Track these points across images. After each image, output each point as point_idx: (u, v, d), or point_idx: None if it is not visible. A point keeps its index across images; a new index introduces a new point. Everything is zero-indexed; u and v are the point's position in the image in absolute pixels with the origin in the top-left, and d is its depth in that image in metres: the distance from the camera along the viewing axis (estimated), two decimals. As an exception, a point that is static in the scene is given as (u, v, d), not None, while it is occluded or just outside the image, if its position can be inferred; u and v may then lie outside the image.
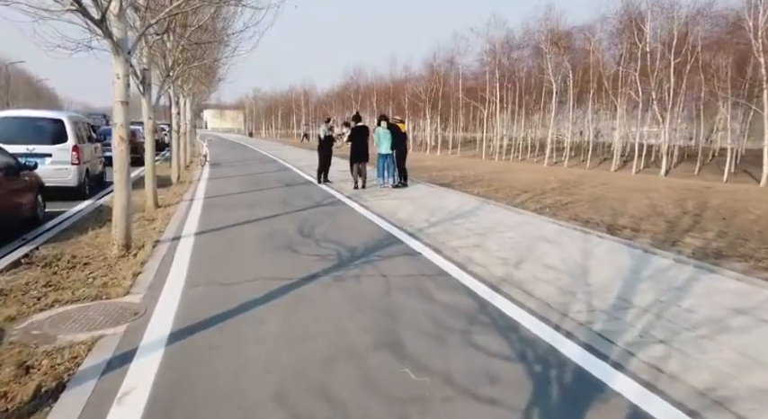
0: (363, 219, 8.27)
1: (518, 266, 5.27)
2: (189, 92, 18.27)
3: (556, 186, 13.49)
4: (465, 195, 11.15)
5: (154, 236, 7.17)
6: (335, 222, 8.05)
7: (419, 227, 7.46)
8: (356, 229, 7.46)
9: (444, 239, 6.60)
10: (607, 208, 9.86)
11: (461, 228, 7.29)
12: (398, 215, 8.49)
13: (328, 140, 13.61)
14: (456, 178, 15.99)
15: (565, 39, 27.49)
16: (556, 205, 10.18)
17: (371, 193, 11.34)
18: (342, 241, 6.67)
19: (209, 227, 7.70)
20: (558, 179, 15.69)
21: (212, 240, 6.83)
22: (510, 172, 18.90)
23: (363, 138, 12.24)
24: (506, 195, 11.73)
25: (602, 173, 21.69)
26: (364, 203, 9.84)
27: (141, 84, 9.35)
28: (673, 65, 21.73)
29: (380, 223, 7.85)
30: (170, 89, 13.37)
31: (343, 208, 9.46)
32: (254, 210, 9.19)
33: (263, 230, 7.46)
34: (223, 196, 11.19)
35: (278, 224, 7.95)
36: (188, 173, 16.49)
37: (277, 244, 6.60)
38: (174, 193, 11.71)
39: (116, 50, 5.96)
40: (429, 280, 4.91)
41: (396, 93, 48.78)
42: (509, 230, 7.08)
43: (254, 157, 24.94)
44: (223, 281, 5.00)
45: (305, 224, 7.88)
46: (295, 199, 10.68)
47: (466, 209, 8.99)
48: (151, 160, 9.78)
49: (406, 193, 11.37)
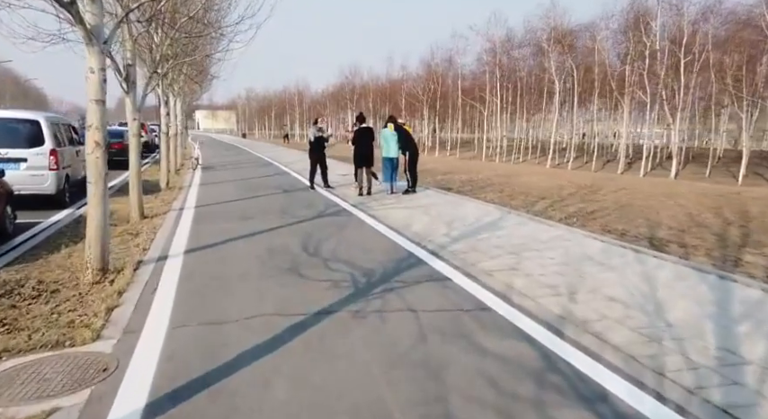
0: (375, 233, 7.36)
1: (574, 298, 4.38)
2: (179, 91, 17.29)
3: (573, 192, 12.64)
4: (480, 203, 10.27)
5: (136, 255, 6.23)
6: (344, 236, 7.13)
7: (440, 242, 6.57)
8: (369, 246, 6.55)
9: (473, 259, 5.70)
10: (638, 217, 9.01)
11: (489, 245, 6.40)
12: (413, 227, 7.59)
13: (318, 142, 12.62)
14: (464, 182, 15.12)
15: (569, 37, 26.69)
16: (581, 214, 9.33)
17: (379, 201, 10.43)
18: (354, 261, 5.77)
19: (200, 243, 6.76)
20: (573, 183, 14.86)
21: (204, 261, 5.90)
22: (517, 175, 18.05)
23: (368, 140, 11.33)
24: (523, 202, 10.86)
25: (615, 176, 20.93)
26: (373, 213, 8.94)
27: (125, 81, 8.40)
28: (683, 63, 20.98)
29: (395, 238, 6.94)
30: (158, 88, 12.41)
31: (350, 219, 8.54)
32: (251, 222, 8.26)
33: (261, 247, 6.53)
34: (216, 204, 10.24)
35: (278, 239, 7.03)
36: (178, 178, 15.51)
37: (279, 265, 5.68)
38: (163, 201, 10.75)
39: (89, 39, 5.03)
40: (470, 319, 4.02)
41: (392, 93, 47.97)
42: (546, 248, 6.20)
43: (249, 160, 23.96)
44: (216, 319, 4.08)
45: (309, 239, 6.97)
46: (295, 207, 9.76)
47: (487, 221, 8.11)
48: (136, 165, 8.83)
49: (416, 201, 10.47)
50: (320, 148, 12.61)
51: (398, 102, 45.52)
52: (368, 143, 11.27)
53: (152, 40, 8.91)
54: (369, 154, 11.25)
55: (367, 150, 11.24)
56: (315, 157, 12.58)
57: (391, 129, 11.37)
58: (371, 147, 11.33)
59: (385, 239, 6.94)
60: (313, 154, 12.62)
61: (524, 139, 35.38)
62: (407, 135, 11.54)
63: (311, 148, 12.69)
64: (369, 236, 7.15)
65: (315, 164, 12.59)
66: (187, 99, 26.63)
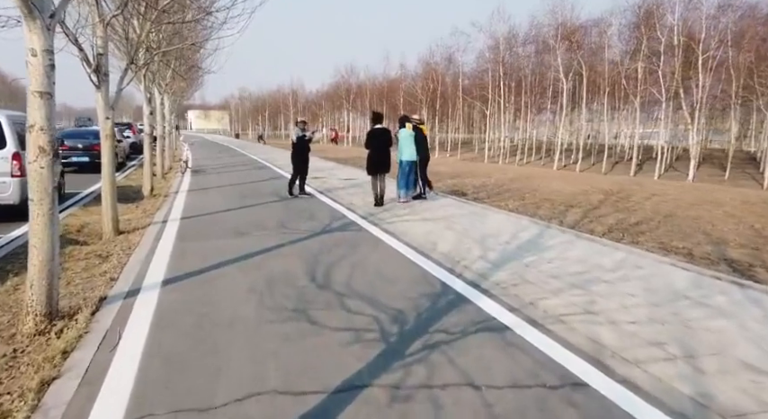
0: (395, 255, 6.11)
1: (698, 366, 3.16)
2: (166, 88, 15.95)
3: (601, 198, 11.45)
4: (507, 214, 9.04)
5: (100, 288, 4.96)
6: (358, 259, 5.88)
7: (479, 269, 5.33)
8: (391, 273, 5.31)
9: (530, 296, 4.47)
10: (694, 231, 7.82)
11: (542, 274, 5.17)
12: (440, 247, 6.35)
13: (301, 142, 11.30)
14: (477, 188, 13.91)
15: (578, 32, 25.56)
16: (624, 226, 8.13)
17: (391, 212, 9.19)
18: (377, 297, 4.53)
19: (182, 269, 5.49)
20: (596, 188, 13.67)
21: (185, 298, 4.63)
22: (531, 178, 16.86)
23: (385, 143, 9.97)
24: (552, 211, 9.66)
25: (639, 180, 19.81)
26: (387, 227, 7.69)
27: (95, 73, 7.11)
28: (701, 59, 19.88)
29: (421, 262, 5.70)
30: (140, 83, 11.11)
31: (362, 235, 7.29)
32: (245, 239, 6.99)
33: (259, 275, 5.27)
34: (205, 215, 8.96)
35: (279, 262, 5.77)
36: (165, 183, 14.19)
37: (282, 303, 4.43)
38: (144, 212, 9.45)
39: (28, 10, 3.76)
40: (562, 404, 2.78)
41: (390, 93, 46.72)
42: (617, 279, 4.97)
43: (242, 162, 22.63)
44: (196, 402, 2.83)
45: (316, 262, 5.72)
46: (296, 219, 8.50)
47: (526, 238, 6.88)
48: (109, 173, 7.53)
49: (433, 211, 9.23)
50: (304, 150, 11.34)
51: (397, 102, 44.30)
52: (384, 146, 9.93)
53: (128, 24, 7.62)
54: (385, 158, 9.93)
55: (383, 154, 9.92)
56: (298, 160, 11.32)
57: (409, 129, 10.13)
58: (388, 150, 10.02)
59: (409, 264, 5.69)
60: (296, 155, 11.35)
61: (528, 140, 34.21)
62: (422, 136, 10.32)
63: (294, 150, 11.42)
64: (388, 259, 5.90)
65: (299, 167, 11.33)
66: (177, 98, 25.26)
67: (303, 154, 11.39)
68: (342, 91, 57.16)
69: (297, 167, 11.39)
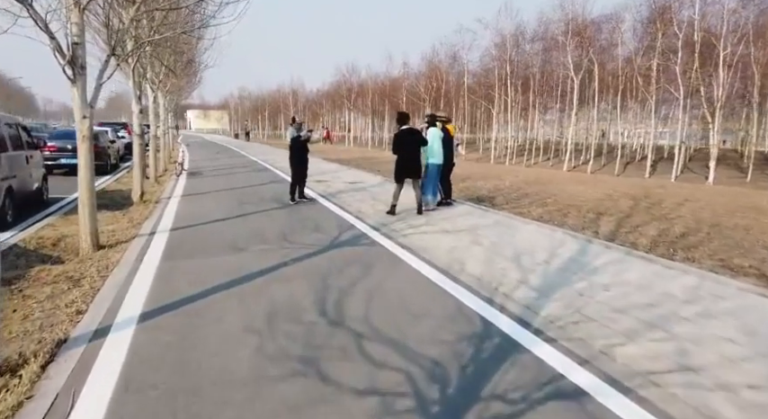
0: (418, 278, 5.18)
1: None
2: (160, 85, 15.01)
3: (631, 205, 10.51)
4: (535, 224, 8.10)
5: (61, 327, 4.03)
6: (376, 284, 4.95)
7: (524, 300, 4.41)
8: (417, 304, 4.38)
9: (600, 340, 3.55)
10: (749, 243, 6.90)
11: (602, 306, 4.24)
12: (469, 267, 5.43)
13: (297, 144, 10.33)
14: (492, 191, 12.98)
15: (590, 28, 24.63)
16: (670, 239, 7.20)
17: (405, 221, 8.25)
18: (406, 341, 3.61)
19: (165, 298, 4.57)
20: (621, 193, 12.73)
21: (163, 342, 3.70)
22: (547, 182, 15.92)
23: (414, 145, 8.90)
24: (581, 220, 8.73)
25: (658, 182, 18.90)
26: (404, 241, 6.76)
27: (69, 65, 6.19)
28: (722, 56, 18.95)
29: (451, 288, 4.77)
30: (129, 79, 10.19)
31: (376, 250, 6.35)
32: (243, 257, 6.07)
33: (258, 307, 4.35)
34: (198, 226, 8.04)
35: (282, 289, 4.84)
36: (158, 187, 13.26)
37: (286, 349, 3.51)
38: (131, 221, 8.53)
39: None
40: None
41: (393, 92, 45.81)
42: (699, 315, 4.02)
43: (242, 164, 21.69)
44: None
45: (326, 289, 4.79)
46: (300, 230, 7.58)
47: (566, 255, 5.95)
48: (87, 181, 6.61)
49: (453, 220, 8.31)
50: (302, 151, 10.41)
51: (399, 101, 43.40)
52: (414, 149, 8.88)
53: (109, 9, 6.68)
54: (415, 163, 8.92)
55: (413, 158, 8.88)
56: (296, 162, 10.40)
57: (439, 129, 9.20)
58: (418, 153, 8.98)
59: (436, 291, 4.76)
60: (294, 158, 10.43)
61: (535, 140, 33.26)
62: (450, 136, 9.38)
63: (291, 152, 10.49)
64: (411, 284, 4.97)
65: (297, 170, 10.41)
66: (174, 96, 24.33)
67: (301, 156, 10.47)
68: (343, 90, 56.23)
69: (295, 171, 10.46)
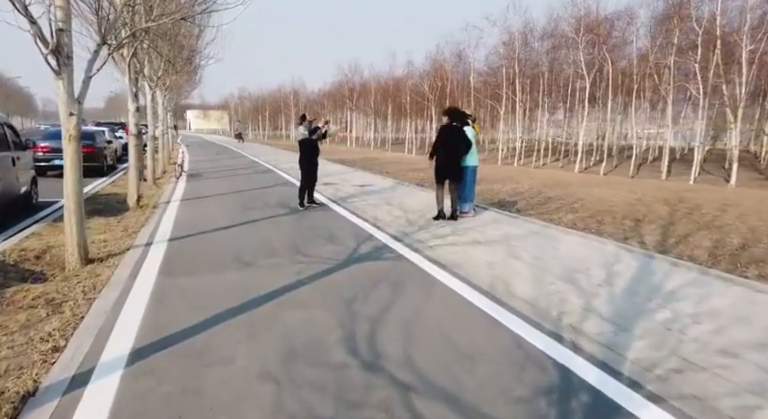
0: (460, 303, 4.40)
1: None
2: (158, 82, 14.21)
3: (668, 210, 9.73)
4: (577, 234, 7.29)
5: (31, 371, 3.25)
6: (412, 312, 4.16)
7: (599, 336, 3.62)
8: (467, 341, 3.60)
9: (724, 401, 2.75)
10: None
11: (703, 346, 3.44)
12: (517, 289, 4.64)
13: (308, 143, 9.51)
14: (512, 195, 12.21)
15: (604, 24, 23.85)
16: (729, 251, 6.42)
17: (428, 229, 7.47)
18: (465, 395, 2.84)
19: (159, 330, 3.78)
20: (651, 197, 11.93)
21: (162, 395, 2.92)
22: (566, 184, 15.12)
23: (456, 145, 8.09)
24: (620, 228, 7.96)
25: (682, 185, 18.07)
26: (431, 254, 5.98)
27: (53, 55, 5.42)
28: (745, 53, 18.17)
29: (503, 317, 3.99)
30: (124, 75, 9.42)
31: (404, 267, 5.56)
32: (250, 274, 5.29)
33: (272, 344, 3.57)
34: (199, 235, 7.25)
35: (299, 318, 4.06)
36: (156, 190, 12.47)
37: (312, 409, 2.73)
38: (126, 229, 7.73)
39: None
40: None
41: (396, 92, 45.03)
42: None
43: (243, 165, 20.90)
44: None
45: (352, 319, 4.01)
46: (313, 241, 6.79)
47: (627, 273, 5.16)
48: (75, 187, 5.82)
49: (482, 229, 7.52)
50: (312, 152, 9.63)
51: (403, 101, 42.65)
52: (455, 149, 8.10)
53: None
54: (454, 163, 8.13)
55: (452, 158, 8.10)
56: (306, 164, 9.62)
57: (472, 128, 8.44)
58: (459, 154, 8.18)
59: (487, 321, 3.97)
60: (303, 160, 9.65)
61: (543, 141, 32.45)
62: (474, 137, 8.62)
63: (301, 153, 9.71)
64: (454, 312, 4.18)
65: (307, 173, 9.65)
66: (173, 95, 23.54)
67: (311, 157, 9.69)
68: (345, 90, 55.50)
69: (305, 173, 9.68)
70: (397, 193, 11.73)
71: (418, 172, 18.81)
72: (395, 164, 23.89)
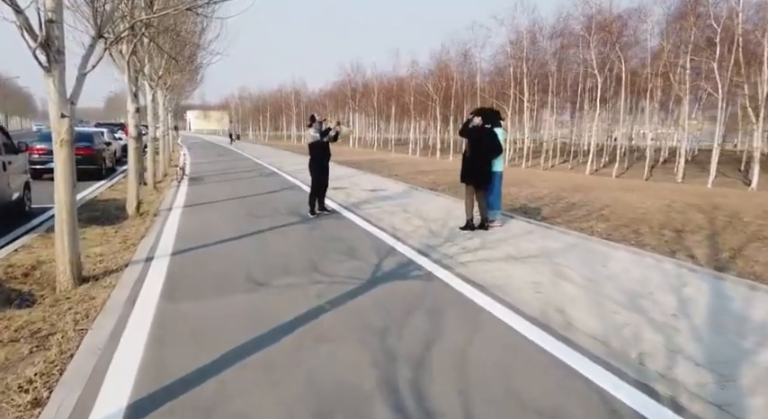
0: (516, 339, 3.76)
1: None
2: (159, 81, 13.58)
3: (708, 219, 9.10)
4: (620, 247, 6.65)
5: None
6: (459, 352, 3.53)
7: (697, 386, 2.99)
8: (537, 393, 2.97)
9: None
10: None
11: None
12: (576, 320, 4.01)
13: (319, 146, 8.86)
14: (531, 200, 11.58)
15: (617, 22, 23.24)
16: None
17: (454, 241, 6.84)
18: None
19: (165, 376, 3.16)
20: (682, 202, 11.29)
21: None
22: (587, 188, 14.49)
23: (485, 147, 7.44)
24: (660, 240, 7.33)
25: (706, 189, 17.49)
26: (464, 271, 5.35)
27: (43, 49, 4.80)
28: (766, 51, 17.55)
29: (570, 359, 3.36)
30: (123, 74, 8.81)
31: (437, 288, 4.93)
32: (264, 297, 4.67)
33: (298, 397, 2.94)
34: (204, 248, 6.62)
35: (325, 358, 3.43)
36: (157, 195, 11.84)
37: None
38: (125, 241, 7.09)
39: None
40: None
41: (400, 92, 44.45)
42: None
43: (246, 168, 20.27)
44: None
45: (389, 358, 3.38)
46: (330, 255, 6.16)
47: (702, 300, 4.53)
48: (67, 198, 5.20)
49: (514, 242, 6.89)
50: (323, 156, 9.01)
51: (407, 101, 42.06)
52: (485, 151, 7.46)
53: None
54: (481, 167, 7.49)
55: (479, 161, 7.46)
56: (317, 169, 9.00)
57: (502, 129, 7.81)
58: (490, 158, 7.55)
59: (554, 365, 3.33)
60: (314, 164, 9.02)
61: (551, 142, 31.83)
62: None
63: (312, 156, 9.08)
64: (511, 352, 3.54)
65: (319, 179, 9.03)
66: (174, 95, 22.92)
67: (322, 161, 9.06)
68: (347, 90, 54.91)
69: (316, 178, 9.05)
70: (412, 199, 11.10)
71: (427, 174, 18.19)
72: (402, 166, 23.27)
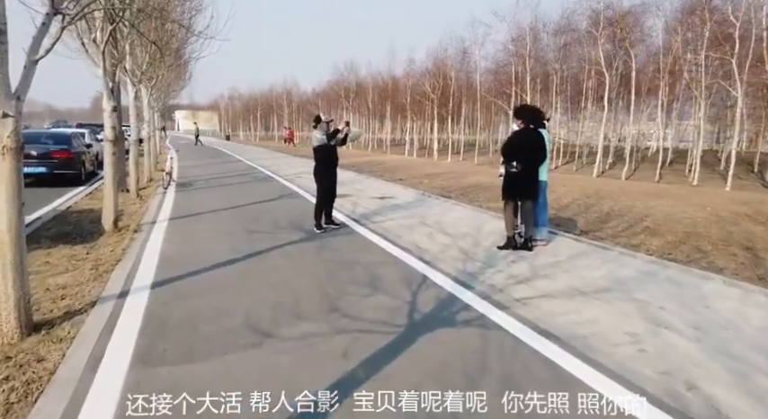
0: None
1: None
2: (142, 77, 12.28)
3: (758, 230, 8.03)
4: (716, 278, 5.49)
5: None
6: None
7: None
8: None
9: None
10: None
11: None
12: (724, 406, 2.87)
13: (326, 150, 7.72)
14: (559, 210, 10.44)
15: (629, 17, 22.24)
16: None
17: (498, 267, 5.66)
18: None
19: None
20: (729, 211, 10.23)
21: None
22: (608, 195, 13.40)
23: (533, 153, 6.33)
24: (733, 261, 6.23)
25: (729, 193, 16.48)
26: (529, 314, 4.18)
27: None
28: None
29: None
30: (98, 67, 7.57)
31: (503, 342, 3.75)
32: (269, 357, 3.46)
33: None
34: (192, 277, 5.39)
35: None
36: (140, 205, 10.54)
37: None
38: (96, 268, 5.83)
39: None
40: None
41: (395, 91, 43.26)
42: None
43: (239, 171, 18.98)
44: None
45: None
46: (349, 287, 4.97)
47: None
48: (12, 223, 3.94)
49: (572, 268, 5.74)
50: (331, 161, 7.82)
51: (403, 101, 40.88)
52: (532, 157, 6.33)
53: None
54: (533, 177, 6.38)
55: (532, 171, 6.34)
56: (324, 176, 7.85)
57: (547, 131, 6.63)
58: (537, 164, 6.40)
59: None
60: (320, 170, 7.86)
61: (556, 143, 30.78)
62: None
63: (318, 163, 7.88)
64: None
65: (326, 189, 7.84)
66: (161, 94, 21.56)
67: (329, 167, 7.86)
68: (341, 89, 53.63)
69: (322, 187, 7.84)
70: (427, 209, 9.92)
71: (434, 178, 17.05)
72: (403, 169, 22.12)
